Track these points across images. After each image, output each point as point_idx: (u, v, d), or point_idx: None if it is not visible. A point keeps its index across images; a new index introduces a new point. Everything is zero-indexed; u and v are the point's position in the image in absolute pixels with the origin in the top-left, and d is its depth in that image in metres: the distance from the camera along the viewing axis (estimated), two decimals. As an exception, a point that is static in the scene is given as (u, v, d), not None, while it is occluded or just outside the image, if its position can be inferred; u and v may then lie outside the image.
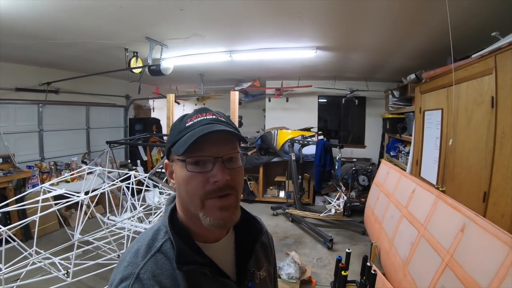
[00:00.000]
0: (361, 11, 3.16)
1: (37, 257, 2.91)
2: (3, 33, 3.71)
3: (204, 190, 0.82)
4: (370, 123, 8.22)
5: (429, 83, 3.98)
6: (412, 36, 3.87)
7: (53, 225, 5.51)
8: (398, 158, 5.64)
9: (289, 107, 8.59)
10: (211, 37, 4.26)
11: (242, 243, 1.01)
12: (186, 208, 0.89)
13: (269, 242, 1.18)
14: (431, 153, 3.74)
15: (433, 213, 2.59)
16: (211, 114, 0.92)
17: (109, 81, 7.88)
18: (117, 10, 3.13)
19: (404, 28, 3.61)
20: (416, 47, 4.35)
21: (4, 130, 5.44)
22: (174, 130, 0.92)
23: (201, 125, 0.86)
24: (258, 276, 1.03)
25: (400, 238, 3.07)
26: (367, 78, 7.45)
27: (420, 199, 2.97)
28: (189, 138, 0.82)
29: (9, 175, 5.04)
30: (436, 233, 2.42)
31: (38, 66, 6.07)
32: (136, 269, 0.80)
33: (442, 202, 2.52)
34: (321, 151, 6.04)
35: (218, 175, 0.82)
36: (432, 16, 3.08)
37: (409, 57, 4.95)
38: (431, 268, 2.26)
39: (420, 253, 2.58)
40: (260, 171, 7.48)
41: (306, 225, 5.60)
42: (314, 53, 4.73)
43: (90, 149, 7.66)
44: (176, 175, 0.89)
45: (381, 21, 3.43)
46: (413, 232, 2.80)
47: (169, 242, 0.87)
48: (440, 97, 3.53)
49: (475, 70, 2.78)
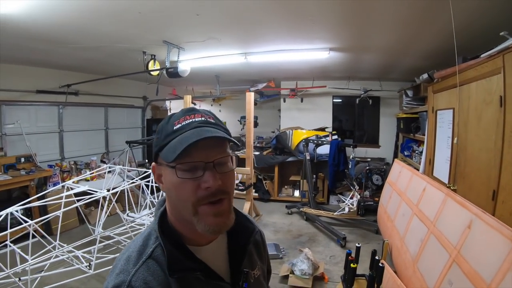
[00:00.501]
0: (371, 13, 3.20)
1: (61, 249, 3.06)
2: (24, 38, 3.87)
3: (196, 196, 0.81)
4: (384, 122, 8.20)
5: (440, 83, 4.00)
6: (422, 36, 3.89)
7: (73, 222, 5.70)
8: (412, 158, 5.64)
9: (304, 107, 8.62)
10: (227, 40, 4.35)
11: (235, 243, 1.00)
12: (178, 213, 0.88)
13: (262, 240, 1.17)
14: (443, 153, 3.77)
15: (442, 210, 2.63)
16: (200, 115, 0.88)
17: (127, 83, 8.05)
18: (135, 15, 3.25)
19: (415, 29, 3.64)
20: (427, 47, 4.36)
21: (26, 131, 5.63)
22: (161, 132, 0.88)
23: (190, 128, 0.83)
24: (252, 275, 1.02)
25: (411, 236, 3.11)
26: (381, 78, 7.45)
27: (430, 197, 3.01)
28: (178, 144, 0.80)
29: (31, 174, 5.24)
30: (444, 230, 2.47)
31: (58, 69, 6.25)
32: (127, 277, 0.79)
33: (451, 200, 2.55)
34: (335, 151, 6.07)
35: (209, 181, 0.80)
36: (441, 16, 3.09)
37: (421, 57, 4.95)
38: (439, 264, 2.31)
39: (429, 249, 2.62)
40: (275, 171, 7.56)
41: (320, 224, 5.66)
42: (327, 54, 4.78)
43: (108, 149, 7.84)
44: (166, 180, 0.86)
45: (391, 22, 3.47)
46: (423, 229, 2.84)
47: (160, 247, 0.85)
48: (451, 96, 3.55)
49: (484, 70, 2.81)
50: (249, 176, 5.92)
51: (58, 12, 3.08)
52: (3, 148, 5.46)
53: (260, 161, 7.55)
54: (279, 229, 5.79)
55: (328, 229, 5.34)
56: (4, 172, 5.20)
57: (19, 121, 5.44)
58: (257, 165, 7.42)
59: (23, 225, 2.84)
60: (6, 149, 5.50)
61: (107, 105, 7.76)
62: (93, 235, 3.39)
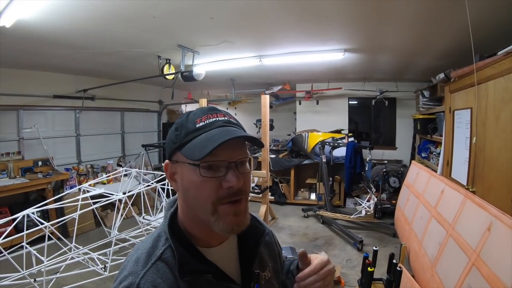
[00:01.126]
0: (386, 13, 3.17)
1: (77, 251, 3.09)
2: (41, 43, 3.97)
3: (216, 195, 0.80)
4: (401, 124, 8.07)
5: (457, 82, 3.92)
6: (438, 35, 3.83)
7: (89, 224, 5.82)
8: (430, 159, 5.54)
9: (319, 110, 8.58)
10: (241, 43, 4.38)
11: (245, 245, 0.99)
12: (193, 213, 0.86)
13: (273, 240, 1.17)
14: (461, 154, 3.68)
15: (461, 212, 2.57)
16: (222, 115, 0.87)
17: (143, 88, 8.18)
18: (150, 20, 3.30)
19: (430, 28, 3.58)
20: (443, 46, 4.29)
21: (43, 135, 5.76)
22: (180, 129, 0.86)
23: (214, 127, 0.83)
24: (263, 276, 1.00)
25: (429, 239, 3.05)
26: (397, 79, 7.34)
27: (448, 199, 2.93)
28: (205, 142, 0.79)
29: (48, 177, 5.38)
30: (463, 233, 2.40)
31: (74, 74, 6.42)
32: (136, 279, 0.78)
33: (470, 202, 2.49)
34: (351, 153, 6.03)
35: (232, 180, 0.79)
36: (457, 15, 3.05)
37: (437, 56, 4.87)
38: (458, 268, 2.25)
39: (447, 253, 2.56)
40: (292, 174, 7.56)
41: (336, 227, 5.61)
42: (342, 55, 4.75)
43: (125, 153, 7.99)
44: (183, 178, 0.85)
45: (408, 22, 3.43)
46: (441, 232, 2.78)
47: (170, 249, 0.85)
48: (469, 96, 3.47)
49: (501, 68, 2.74)
50: (265, 179, 5.91)
51: (73, 17, 3.15)
52: (21, 152, 5.62)
53: (276, 164, 7.56)
54: (295, 232, 5.76)
55: (344, 232, 5.29)
56: (21, 175, 5.34)
57: (36, 125, 5.55)
58: (273, 168, 7.43)
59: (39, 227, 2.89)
60: (23, 153, 5.67)
61: (123, 110, 7.91)
62: (108, 238, 3.42)
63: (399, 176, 6.47)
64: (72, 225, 3.43)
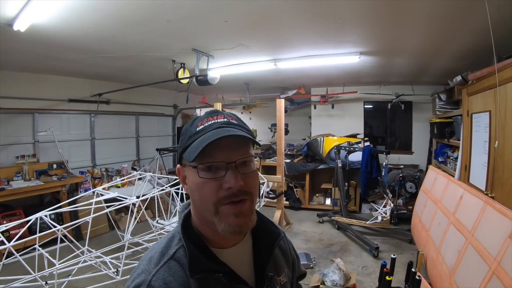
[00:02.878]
0: (402, 14, 3.12)
1: (89, 255, 3.09)
2: (56, 48, 4.03)
3: (217, 196, 0.81)
4: (417, 128, 7.91)
5: (475, 85, 3.82)
6: (456, 36, 3.75)
7: (103, 227, 5.88)
8: (447, 164, 5.42)
9: (335, 114, 8.48)
10: (256, 47, 4.37)
11: (260, 248, 0.99)
12: (201, 214, 0.88)
13: (288, 247, 1.15)
14: (480, 158, 3.58)
15: (481, 219, 2.49)
16: (222, 117, 0.89)
17: (157, 92, 8.25)
18: (164, 24, 3.32)
19: (448, 29, 3.51)
20: (461, 48, 4.20)
21: (58, 138, 5.85)
22: (185, 134, 0.89)
23: (212, 129, 0.84)
24: (278, 281, 1.00)
25: (447, 246, 2.97)
26: (413, 82, 7.22)
27: (468, 205, 2.85)
28: (199, 144, 0.81)
29: (63, 180, 5.43)
30: (483, 240, 2.33)
31: (89, 79, 6.50)
32: (148, 277, 0.80)
33: (490, 208, 2.41)
34: (367, 158, 5.95)
35: (231, 181, 0.80)
36: (475, 16, 2.98)
37: (454, 58, 4.77)
38: (477, 277, 2.18)
39: (467, 261, 2.49)
40: (307, 178, 7.53)
41: (352, 233, 5.53)
42: (357, 58, 4.69)
43: (139, 157, 8.05)
44: (189, 181, 0.87)
45: (425, 23, 3.35)
46: (460, 239, 2.70)
47: (183, 249, 0.86)
48: (487, 98, 3.38)
49: (521, 69, 2.66)
50: (280, 184, 5.88)
51: (87, 21, 3.19)
52: (36, 155, 5.70)
53: (291, 168, 7.52)
54: (310, 238, 5.70)
55: (360, 239, 5.21)
56: (36, 178, 5.43)
57: (51, 128, 5.63)
58: (288, 172, 7.40)
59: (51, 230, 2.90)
60: (39, 156, 5.75)
61: (138, 114, 7.99)
62: (121, 242, 3.42)
63: (416, 181, 6.37)
64: (85, 228, 3.44)
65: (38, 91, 5.76)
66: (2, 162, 5.32)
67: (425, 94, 7.25)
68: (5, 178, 5.09)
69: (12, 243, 2.60)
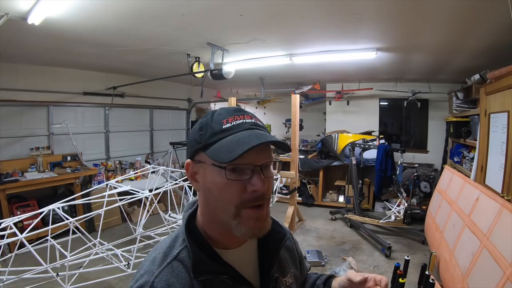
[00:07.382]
0: (421, 9, 3.04)
1: (101, 247, 3.13)
2: (72, 41, 4.08)
3: (240, 198, 0.78)
4: (433, 126, 7.79)
5: (494, 84, 3.73)
6: (475, 33, 3.66)
7: (116, 219, 5.96)
8: (462, 164, 5.33)
9: (350, 110, 8.40)
10: (271, 41, 4.34)
11: (265, 248, 0.97)
12: (213, 214, 0.85)
13: (294, 247, 1.15)
14: (497, 159, 3.50)
15: (497, 222, 2.44)
16: (249, 117, 0.86)
17: (172, 86, 8.32)
18: (179, 18, 3.32)
19: (467, 26, 3.42)
20: (479, 45, 4.09)
21: (73, 131, 5.97)
22: (205, 130, 0.83)
23: (242, 129, 0.81)
24: (284, 282, 0.99)
25: (461, 249, 2.92)
26: (430, 80, 7.10)
27: (483, 208, 2.80)
28: (234, 145, 0.77)
29: (77, 172, 5.53)
30: (499, 244, 2.28)
31: (104, 72, 6.59)
32: (151, 278, 0.79)
33: (507, 211, 2.36)
34: (382, 156, 5.89)
35: (257, 184, 0.78)
36: (495, 13, 2.91)
37: (473, 56, 4.66)
38: (491, 281, 2.14)
39: (481, 265, 2.44)
40: (320, 175, 7.50)
41: (364, 231, 5.49)
42: (374, 54, 4.62)
43: (153, 150, 8.14)
44: (206, 179, 0.83)
45: (444, 19, 3.27)
46: (475, 242, 2.65)
47: (186, 249, 0.85)
48: (506, 98, 3.29)
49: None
50: (293, 180, 5.86)
51: (102, 15, 3.21)
52: (50, 147, 5.81)
53: (304, 164, 7.50)
54: (322, 235, 5.68)
55: (372, 237, 5.17)
56: (50, 170, 5.53)
57: (66, 121, 5.73)
58: (301, 168, 7.38)
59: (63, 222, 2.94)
60: (53, 148, 5.86)
61: (152, 107, 8.06)
62: (133, 235, 3.46)
63: (431, 180, 6.29)
64: (98, 220, 3.48)
65: (53, 84, 5.85)
66: (17, 154, 5.43)
67: (442, 92, 7.13)
68: (20, 170, 5.20)
69: (25, 235, 2.65)
